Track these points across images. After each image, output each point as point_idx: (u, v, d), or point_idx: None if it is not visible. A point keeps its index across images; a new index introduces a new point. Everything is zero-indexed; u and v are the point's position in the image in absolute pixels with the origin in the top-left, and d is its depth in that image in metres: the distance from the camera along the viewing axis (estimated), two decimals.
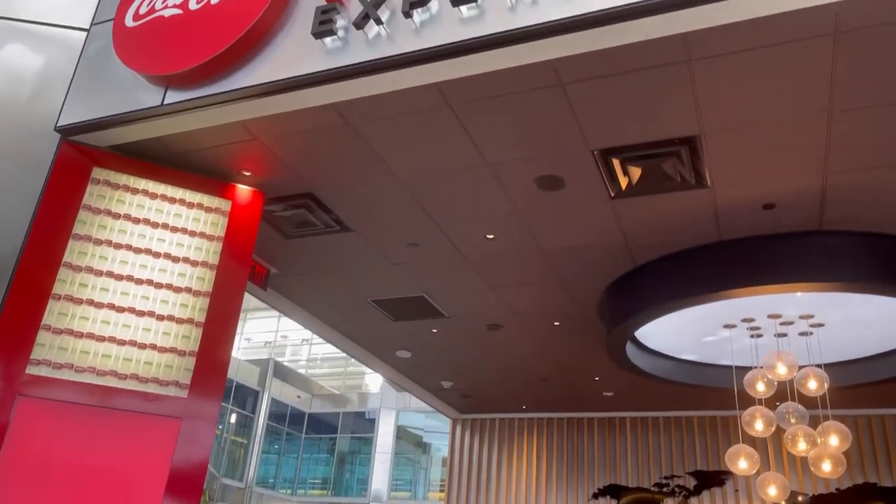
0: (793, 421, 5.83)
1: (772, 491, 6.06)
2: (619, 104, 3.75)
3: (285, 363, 26.90)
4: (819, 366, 5.87)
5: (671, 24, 2.98)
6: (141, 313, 3.98)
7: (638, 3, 2.92)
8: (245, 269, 4.44)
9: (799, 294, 5.23)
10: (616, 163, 4.27)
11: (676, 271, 5.23)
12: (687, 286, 5.12)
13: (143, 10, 4.03)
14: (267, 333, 27.70)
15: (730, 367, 6.67)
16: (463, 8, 3.29)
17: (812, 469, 5.81)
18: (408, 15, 3.37)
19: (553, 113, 3.82)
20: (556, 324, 6.90)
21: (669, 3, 2.87)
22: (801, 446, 5.75)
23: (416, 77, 3.50)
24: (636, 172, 4.34)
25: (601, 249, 5.38)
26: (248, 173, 4.49)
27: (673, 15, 2.91)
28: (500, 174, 4.44)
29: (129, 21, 4.05)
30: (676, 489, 9.30)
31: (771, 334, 6.08)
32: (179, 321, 4.05)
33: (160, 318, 4.01)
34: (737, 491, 8.99)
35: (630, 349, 6.59)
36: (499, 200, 4.74)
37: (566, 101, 3.73)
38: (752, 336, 6.25)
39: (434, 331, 7.30)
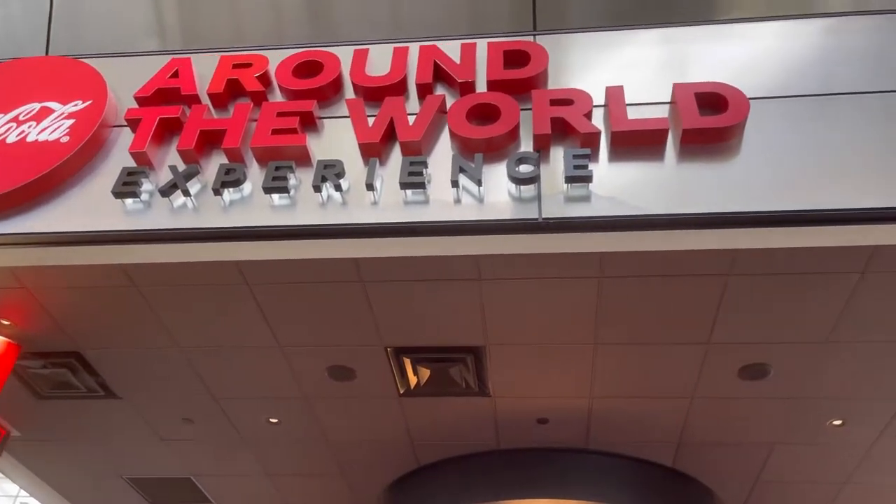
0: None
1: None
2: (414, 307, 3.92)
3: None
4: None
5: (462, 246, 3.29)
6: None
7: (435, 222, 3.21)
8: None
9: None
10: (407, 362, 4.37)
11: (454, 476, 5.23)
12: (462, 493, 5.12)
13: None
14: (5, 498, 23.26)
15: None
16: (275, 196, 3.39)
17: None
18: (218, 192, 3.39)
19: (351, 306, 3.89)
20: None
21: (460, 227, 3.19)
22: None
23: (217, 253, 3.46)
24: (426, 373, 4.46)
25: (386, 445, 5.30)
26: (6, 322, 4.00)
27: (463, 239, 3.22)
28: (292, 358, 4.35)
29: None
30: None
31: None
32: None
33: None
34: None
35: None
36: (287, 384, 4.59)
37: (364, 298, 3.83)
38: None
39: None
